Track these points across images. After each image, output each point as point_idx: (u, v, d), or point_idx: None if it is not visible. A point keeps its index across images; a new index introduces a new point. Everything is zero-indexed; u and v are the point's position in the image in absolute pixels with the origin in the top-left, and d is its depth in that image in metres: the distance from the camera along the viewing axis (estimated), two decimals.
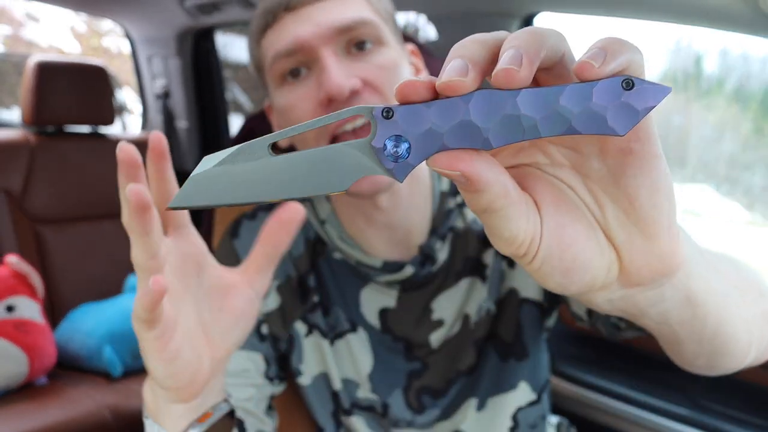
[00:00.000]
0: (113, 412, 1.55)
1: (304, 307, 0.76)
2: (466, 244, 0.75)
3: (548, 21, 1.41)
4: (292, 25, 0.65)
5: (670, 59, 1.51)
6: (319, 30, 0.64)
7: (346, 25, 0.64)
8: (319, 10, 0.65)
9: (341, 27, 0.64)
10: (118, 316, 1.77)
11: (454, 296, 0.75)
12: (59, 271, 1.96)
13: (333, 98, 0.62)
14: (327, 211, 0.75)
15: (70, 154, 2.05)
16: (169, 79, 2.30)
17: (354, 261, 0.74)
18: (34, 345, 1.61)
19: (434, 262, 0.73)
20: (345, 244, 0.73)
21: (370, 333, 0.76)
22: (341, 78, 0.62)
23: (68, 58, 2.32)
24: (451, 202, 0.75)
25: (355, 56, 0.65)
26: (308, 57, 0.65)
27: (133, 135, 2.29)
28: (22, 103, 1.97)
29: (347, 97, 0.63)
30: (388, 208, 0.70)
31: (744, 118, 1.52)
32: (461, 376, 0.76)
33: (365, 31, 0.65)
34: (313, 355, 0.77)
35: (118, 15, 2.24)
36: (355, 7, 0.66)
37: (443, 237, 0.73)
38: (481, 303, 0.75)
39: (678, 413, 1.23)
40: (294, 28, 0.65)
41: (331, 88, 0.62)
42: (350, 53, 0.66)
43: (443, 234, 0.73)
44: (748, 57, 1.42)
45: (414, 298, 0.74)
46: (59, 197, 2.01)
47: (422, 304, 0.74)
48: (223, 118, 2.34)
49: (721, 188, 1.70)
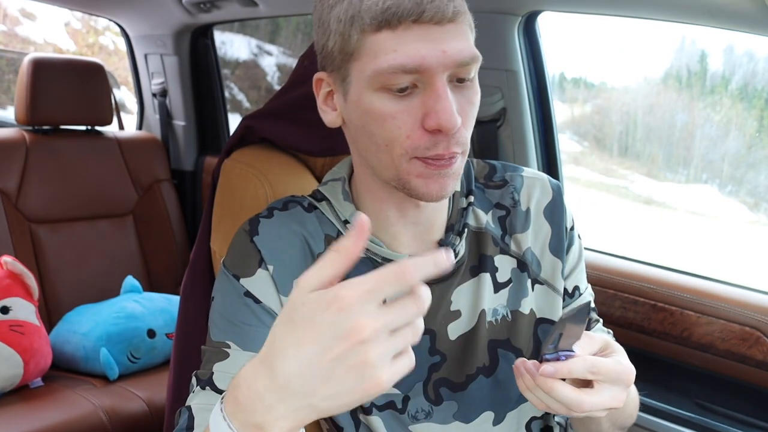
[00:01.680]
0: (109, 415, 1.54)
1: None
2: (481, 242, 0.80)
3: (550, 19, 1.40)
4: (418, 41, 0.65)
5: (675, 57, 1.50)
6: (444, 58, 0.65)
7: (464, 61, 0.66)
8: (445, 33, 0.65)
9: (462, 62, 0.66)
10: (114, 317, 1.75)
11: (470, 290, 0.79)
12: (55, 272, 1.94)
13: (442, 129, 0.65)
14: (350, 211, 0.78)
15: (67, 153, 2.03)
16: (166, 78, 2.28)
17: (380, 257, 0.77)
18: (30, 347, 1.59)
19: (456, 256, 0.77)
20: (370, 242, 0.76)
21: None
22: (455, 115, 0.65)
23: (64, 55, 2.30)
24: (464, 201, 0.80)
25: (456, 87, 0.68)
26: (423, 78, 0.66)
27: (130, 134, 2.28)
28: (17, 102, 1.95)
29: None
30: (424, 204, 0.75)
31: (749, 116, 1.51)
32: (480, 375, 0.78)
33: (473, 67, 0.68)
34: None
35: (114, 13, 2.23)
36: (467, 39, 0.68)
37: (459, 233, 0.79)
38: (498, 306, 0.79)
39: (679, 415, 1.23)
40: (420, 46, 0.65)
41: (447, 122, 0.65)
42: (452, 83, 0.68)
43: (459, 230, 0.79)
44: (753, 55, 1.41)
45: (435, 291, 0.76)
46: (55, 197, 1.99)
47: (442, 296, 0.78)
48: (221, 116, 2.32)
49: (725, 188, 1.69)
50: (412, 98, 0.67)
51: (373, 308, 0.48)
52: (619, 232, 2.48)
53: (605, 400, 0.64)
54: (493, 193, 0.83)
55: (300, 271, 0.76)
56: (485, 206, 0.82)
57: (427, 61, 0.64)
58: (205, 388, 0.71)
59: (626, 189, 2.89)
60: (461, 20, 0.67)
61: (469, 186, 0.82)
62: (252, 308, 0.74)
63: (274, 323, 0.52)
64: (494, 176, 0.84)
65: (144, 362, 1.76)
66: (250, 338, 0.73)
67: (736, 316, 1.16)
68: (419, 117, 0.66)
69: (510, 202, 0.82)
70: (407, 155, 0.68)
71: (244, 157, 1.00)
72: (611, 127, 2.89)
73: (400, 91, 0.66)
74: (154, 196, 2.18)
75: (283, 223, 0.78)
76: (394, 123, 0.67)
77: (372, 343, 0.48)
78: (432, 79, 0.65)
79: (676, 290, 1.24)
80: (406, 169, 0.69)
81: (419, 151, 0.67)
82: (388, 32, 0.65)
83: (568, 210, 0.85)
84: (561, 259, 0.82)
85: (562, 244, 0.82)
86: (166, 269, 2.16)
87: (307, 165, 1.04)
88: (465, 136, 0.69)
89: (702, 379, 1.23)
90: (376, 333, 0.48)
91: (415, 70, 0.65)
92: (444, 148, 0.67)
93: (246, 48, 4.65)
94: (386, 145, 0.69)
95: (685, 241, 2.36)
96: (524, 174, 0.84)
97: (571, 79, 2.81)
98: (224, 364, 0.72)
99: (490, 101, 1.43)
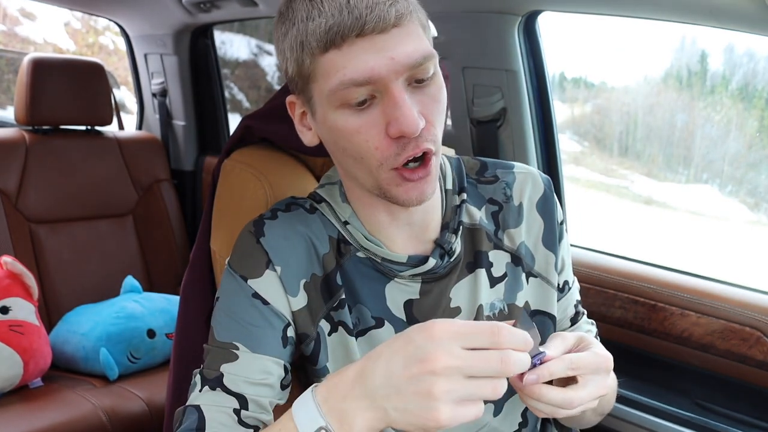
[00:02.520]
0: (109, 415, 1.54)
1: (329, 305, 0.78)
2: (475, 238, 0.82)
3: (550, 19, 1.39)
4: (364, 54, 0.65)
5: (675, 57, 1.50)
6: (393, 65, 0.65)
7: (416, 62, 0.66)
8: (391, 40, 0.66)
9: (413, 64, 0.66)
10: (114, 317, 1.75)
11: (468, 286, 0.81)
12: (55, 272, 1.94)
13: (405, 135, 0.66)
14: (348, 212, 0.79)
15: (66, 153, 2.03)
16: (166, 78, 2.28)
17: (380, 258, 0.78)
18: (29, 347, 1.59)
19: (453, 254, 0.79)
20: (370, 243, 0.78)
21: (396, 326, 0.79)
22: (415, 118, 0.66)
23: (64, 55, 2.30)
24: (457, 199, 0.81)
25: (414, 89, 0.68)
26: (377, 87, 0.67)
27: (130, 134, 2.27)
28: (16, 102, 1.95)
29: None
30: (415, 209, 0.76)
31: (749, 116, 1.51)
32: None
33: (429, 65, 0.68)
34: (338, 353, 0.79)
35: (114, 13, 2.22)
36: (417, 38, 0.68)
37: (455, 231, 0.80)
38: (495, 300, 0.81)
39: (679, 415, 1.23)
40: (367, 58, 0.65)
41: (408, 127, 0.65)
42: (411, 85, 0.68)
43: (454, 228, 0.80)
44: (753, 55, 1.40)
45: (435, 289, 0.79)
46: (55, 197, 1.99)
47: (442, 293, 0.80)
48: (221, 116, 2.32)
49: (726, 188, 1.69)
50: (373, 109, 0.67)
51: (455, 348, 0.54)
52: (619, 232, 2.48)
53: (591, 391, 0.66)
54: (486, 188, 0.84)
55: (306, 271, 0.78)
56: (478, 202, 0.83)
57: (377, 72, 0.65)
58: (215, 388, 0.72)
59: (626, 189, 2.89)
60: (408, 21, 0.67)
61: (461, 183, 0.82)
62: (260, 309, 0.75)
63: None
64: (485, 172, 0.85)
65: (144, 362, 1.76)
66: (258, 340, 0.74)
67: (736, 316, 1.16)
68: (383, 127, 0.67)
69: (502, 197, 0.83)
70: (384, 167, 0.69)
71: (244, 157, 0.99)
72: (611, 127, 2.89)
73: (359, 105, 0.67)
74: (154, 196, 2.18)
75: (288, 225, 0.78)
76: (360, 137, 0.68)
77: (442, 377, 0.53)
78: (387, 88, 0.66)
79: (676, 290, 1.24)
80: (385, 180, 0.70)
81: (391, 160, 0.68)
82: (334, 51, 0.66)
83: (558, 205, 0.87)
84: (554, 253, 0.84)
85: (554, 238, 0.84)
86: (166, 269, 2.16)
87: (307, 165, 1.04)
88: (435, 133, 0.69)
89: (702, 379, 1.23)
90: (448, 370, 0.53)
91: (366, 81, 0.65)
92: (413, 148, 0.68)
93: (246, 48, 4.65)
94: (361, 158, 0.70)
95: (686, 241, 2.35)
96: (515, 170, 0.86)
97: (571, 79, 2.81)
98: (233, 365, 0.73)
99: (490, 101, 1.43)
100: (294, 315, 0.77)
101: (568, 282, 0.88)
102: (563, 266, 0.86)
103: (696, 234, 2.41)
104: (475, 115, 1.46)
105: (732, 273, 1.28)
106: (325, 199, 0.81)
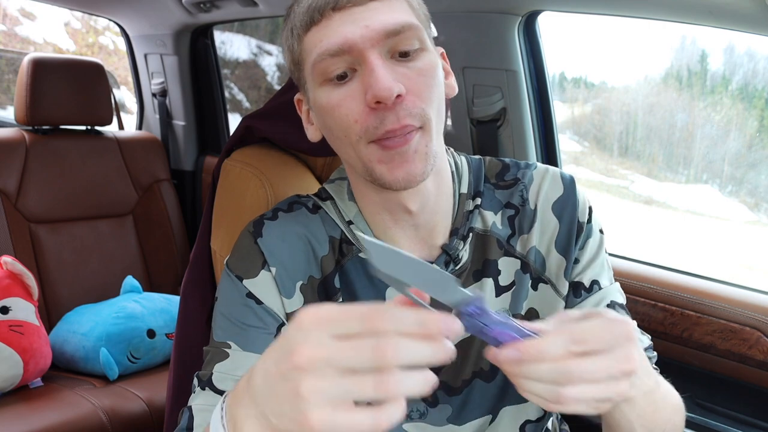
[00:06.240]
0: (109, 415, 1.54)
1: None
2: (485, 246, 0.78)
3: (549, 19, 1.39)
4: (340, 25, 0.66)
5: (675, 57, 1.50)
6: (367, 32, 0.65)
7: (394, 29, 0.66)
8: (368, 11, 0.66)
9: (390, 31, 0.66)
10: (114, 317, 1.75)
11: None
12: (55, 272, 1.94)
13: (380, 101, 0.65)
14: (354, 212, 0.78)
15: (66, 153, 2.03)
16: (166, 78, 2.28)
17: None
18: (29, 347, 1.59)
19: (459, 262, 0.77)
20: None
21: None
22: (389, 81, 0.64)
23: (64, 55, 2.30)
24: (470, 204, 0.78)
25: (398, 62, 0.68)
26: (355, 58, 0.66)
27: (130, 134, 2.27)
28: (16, 102, 1.95)
29: (393, 102, 0.65)
30: (416, 211, 0.74)
31: (749, 116, 1.51)
32: (475, 379, 0.78)
33: (410, 35, 0.67)
34: None
35: (114, 13, 2.22)
36: (400, 11, 0.68)
37: (464, 238, 0.77)
38: (499, 310, 0.78)
39: None
40: (343, 28, 0.66)
41: (380, 90, 0.64)
42: (394, 58, 0.68)
43: (464, 235, 0.77)
44: (753, 55, 1.40)
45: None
46: (55, 197, 1.98)
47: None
48: (221, 116, 2.32)
49: (726, 188, 1.69)
50: (353, 83, 0.68)
51: (324, 337, 0.43)
52: (620, 232, 2.48)
53: (609, 364, 0.51)
54: (504, 192, 0.80)
55: (303, 273, 0.77)
56: (495, 206, 0.79)
57: (350, 39, 0.65)
58: (204, 388, 0.72)
59: (626, 189, 2.89)
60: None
61: (477, 187, 0.79)
62: (253, 309, 0.74)
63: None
64: (506, 175, 0.81)
65: (144, 362, 1.76)
66: (250, 339, 0.73)
67: (736, 316, 1.16)
68: (362, 98, 0.66)
69: (519, 200, 0.79)
70: (363, 140, 0.68)
71: (244, 157, 0.99)
72: (611, 127, 2.89)
73: (339, 78, 0.68)
74: (154, 196, 2.18)
75: (287, 226, 0.78)
76: (341, 111, 0.68)
77: (308, 373, 0.43)
78: (363, 57, 0.66)
79: (676, 290, 1.24)
80: (366, 156, 0.69)
81: (370, 132, 0.67)
82: (314, 29, 0.68)
83: (583, 203, 0.80)
84: (568, 258, 0.78)
85: (571, 241, 0.78)
86: (166, 269, 2.16)
87: (307, 165, 1.04)
88: (420, 107, 0.67)
89: (702, 379, 1.23)
90: (314, 363, 0.43)
91: (341, 51, 0.66)
92: (393, 121, 0.65)
93: (246, 48, 4.65)
94: (345, 136, 0.69)
95: (686, 241, 2.36)
96: (535, 170, 0.81)
97: (571, 79, 2.81)
98: (223, 364, 0.72)
99: (490, 101, 1.43)
100: (289, 317, 0.76)
101: (599, 282, 0.79)
102: (589, 264, 0.79)
103: (696, 234, 2.41)
104: (475, 115, 1.46)
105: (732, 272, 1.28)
106: (332, 197, 0.80)
